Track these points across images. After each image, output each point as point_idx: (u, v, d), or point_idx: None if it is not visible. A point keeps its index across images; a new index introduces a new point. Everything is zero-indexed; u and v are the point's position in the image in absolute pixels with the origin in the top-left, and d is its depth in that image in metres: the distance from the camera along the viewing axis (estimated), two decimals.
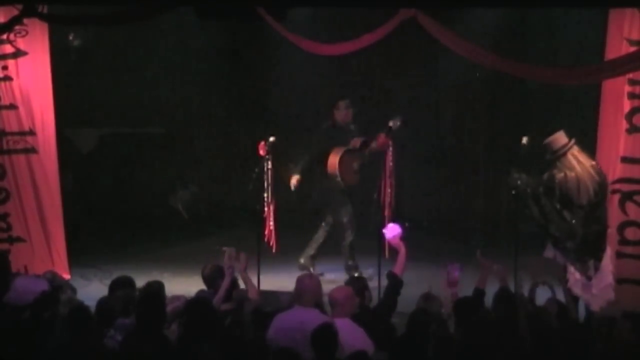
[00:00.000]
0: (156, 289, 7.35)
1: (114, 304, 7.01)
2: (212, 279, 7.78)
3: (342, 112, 10.36)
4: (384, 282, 7.93)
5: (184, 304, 6.92)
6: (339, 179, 10.21)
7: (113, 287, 7.50)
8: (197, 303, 6.85)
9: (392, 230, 8.01)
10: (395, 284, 7.59)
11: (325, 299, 7.26)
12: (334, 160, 10.20)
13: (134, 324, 6.60)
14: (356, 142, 10.28)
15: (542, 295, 7.32)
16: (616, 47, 9.11)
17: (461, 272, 7.65)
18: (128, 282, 7.55)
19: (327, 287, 7.49)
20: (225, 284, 7.42)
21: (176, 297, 7.37)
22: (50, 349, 6.43)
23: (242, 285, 7.80)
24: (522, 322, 6.51)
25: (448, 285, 7.62)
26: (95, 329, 6.60)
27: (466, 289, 7.61)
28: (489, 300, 7.27)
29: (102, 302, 7.05)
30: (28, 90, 10.13)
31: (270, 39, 10.73)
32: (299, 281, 7.18)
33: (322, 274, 10.13)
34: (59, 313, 6.92)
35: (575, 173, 8.49)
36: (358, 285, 7.53)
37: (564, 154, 8.55)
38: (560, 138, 8.61)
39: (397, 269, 7.73)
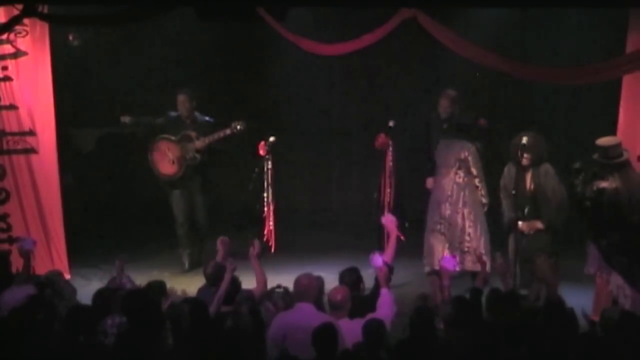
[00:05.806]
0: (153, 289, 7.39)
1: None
2: (214, 277, 7.81)
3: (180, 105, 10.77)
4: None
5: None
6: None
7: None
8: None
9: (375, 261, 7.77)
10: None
11: (325, 299, 7.27)
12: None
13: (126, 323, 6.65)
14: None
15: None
16: (637, 47, 8.94)
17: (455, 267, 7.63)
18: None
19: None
20: (226, 279, 7.43)
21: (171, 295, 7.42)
22: (49, 349, 6.42)
23: (242, 283, 7.83)
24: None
25: (441, 277, 7.61)
26: (93, 329, 6.61)
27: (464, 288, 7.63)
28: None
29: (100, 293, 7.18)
30: (28, 90, 10.15)
31: (271, 39, 10.72)
32: (297, 281, 7.19)
33: None
34: (57, 313, 6.91)
35: (628, 186, 7.91)
36: (353, 277, 7.55)
37: (624, 163, 7.96)
38: (620, 144, 8.02)
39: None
